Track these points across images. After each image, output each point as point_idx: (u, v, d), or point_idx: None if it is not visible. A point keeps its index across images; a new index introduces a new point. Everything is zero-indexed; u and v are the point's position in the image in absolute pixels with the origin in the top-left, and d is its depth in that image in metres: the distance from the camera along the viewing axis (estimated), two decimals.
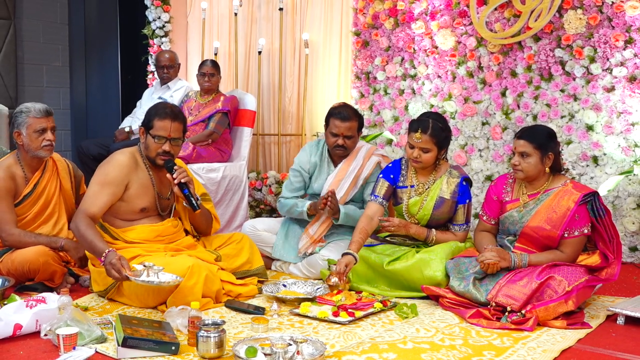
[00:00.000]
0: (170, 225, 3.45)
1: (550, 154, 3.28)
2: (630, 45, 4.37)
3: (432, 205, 3.64)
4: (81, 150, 5.22)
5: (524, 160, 3.29)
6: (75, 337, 2.52)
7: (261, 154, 6.10)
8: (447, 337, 2.83)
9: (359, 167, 4.01)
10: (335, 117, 3.94)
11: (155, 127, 3.34)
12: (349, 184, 3.99)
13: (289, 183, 4.15)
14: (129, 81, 7.01)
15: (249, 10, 6.09)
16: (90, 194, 3.28)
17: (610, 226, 3.26)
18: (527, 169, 3.30)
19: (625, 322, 3.08)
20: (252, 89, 6.06)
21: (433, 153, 3.58)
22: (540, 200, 3.32)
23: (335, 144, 3.96)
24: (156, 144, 3.36)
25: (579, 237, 3.24)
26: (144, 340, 2.54)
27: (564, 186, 3.31)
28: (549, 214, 3.27)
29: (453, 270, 3.34)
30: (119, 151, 3.46)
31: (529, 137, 3.30)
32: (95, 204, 3.25)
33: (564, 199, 3.26)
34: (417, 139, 3.54)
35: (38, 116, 3.57)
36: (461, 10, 5.04)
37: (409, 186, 3.71)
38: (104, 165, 3.37)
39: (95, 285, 3.34)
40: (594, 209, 3.24)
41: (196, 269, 3.12)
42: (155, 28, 6.21)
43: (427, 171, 3.70)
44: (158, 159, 3.38)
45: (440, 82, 5.23)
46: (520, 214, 3.35)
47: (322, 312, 3.04)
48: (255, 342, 2.56)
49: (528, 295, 3.06)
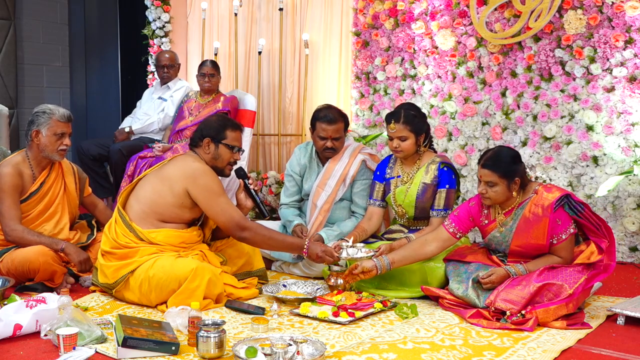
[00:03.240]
0: (195, 234, 3.47)
1: (516, 179, 3.23)
2: (630, 46, 4.36)
3: (416, 192, 3.72)
4: (81, 150, 5.21)
5: (491, 189, 3.25)
6: (75, 337, 2.52)
7: (261, 154, 6.10)
8: (447, 337, 2.82)
9: (345, 165, 4.04)
10: (321, 121, 3.97)
11: (229, 138, 3.47)
12: (336, 182, 4.02)
13: (285, 189, 4.24)
14: (129, 81, 7.02)
15: (249, 11, 6.10)
16: (226, 206, 3.34)
17: (592, 216, 3.23)
18: (495, 197, 3.26)
19: (626, 322, 3.07)
20: (252, 89, 6.06)
21: (411, 140, 3.71)
22: (516, 215, 3.28)
23: (324, 147, 4.01)
24: (231, 153, 3.48)
25: (567, 239, 3.22)
26: (144, 340, 2.54)
27: (535, 194, 3.26)
28: (529, 227, 3.24)
29: (452, 273, 3.36)
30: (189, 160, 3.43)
31: (492, 166, 3.23)
32: (236, 210, 3.39)
33: (538, 207, 3.22)
34: (392, 130, 3.71)
35: (62, 120, 3.62)
36: (461, 10, 5.04)
37: (396, 177, 3.84)
38: (203, 177, 3.35)
39: (103, 278, 3.34)
40: (572, 209, 3.23)
41: (200, 271, 3.14)
42: (155, 28, 6.23)
43: (411, 161, 3.81)
44: (227, 169, 3.51)
45: (440, 82, 5.23)
46: (502, 234, 3.34)
47: (322, 312, 3.04)
48: (255, 343, 2.55)
49: (526, 299, 3.05)
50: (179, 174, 3.35)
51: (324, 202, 4.02)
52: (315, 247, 3.39)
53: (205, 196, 3.32)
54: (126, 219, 3.35)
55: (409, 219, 3.82)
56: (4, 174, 3.56)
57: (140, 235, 3.31)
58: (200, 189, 3.31)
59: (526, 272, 3.20)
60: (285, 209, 4.20)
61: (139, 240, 3.31)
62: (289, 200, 4.20)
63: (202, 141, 3.46)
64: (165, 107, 5.38)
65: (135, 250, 3.28)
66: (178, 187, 3.32)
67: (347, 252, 3.45)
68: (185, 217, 3.40)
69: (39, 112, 3.63)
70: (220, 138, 3.45)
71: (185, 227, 3.44)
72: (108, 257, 3.33)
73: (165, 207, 3.34)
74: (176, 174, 3.35)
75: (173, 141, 5.17)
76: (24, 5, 6.65)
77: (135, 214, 3.35)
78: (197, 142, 3.49)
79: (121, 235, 3.32)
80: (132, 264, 3.25)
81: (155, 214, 3.35)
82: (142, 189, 3.41)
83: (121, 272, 3.26)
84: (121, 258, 3.29)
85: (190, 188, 3.31)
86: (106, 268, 3.32)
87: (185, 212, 3.38)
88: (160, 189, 3.35)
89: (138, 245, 3.29)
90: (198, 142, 3.48)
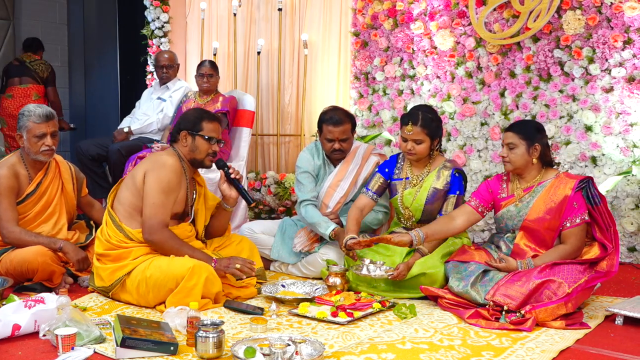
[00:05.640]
0: (186, 230, 3.46)
1: (536, 144, 3.34)
2: (629, 46, 4.37)
3: (425, 196, 3.67)
4: (80, 150, 5.18)
5: (512, 152, 3.36)
6: (73, 338, 2.52)
7: (260, 155, 6.09)
8: (445, 337, 2.82)
9: (358, 167, 4.03)
10: (327, 123, 3.95)
11: (206, 129, 3.45)
12: (349, 184, 4.00)
13: (302, 186, 4.06)
14: (128, 81, 7.00)
15: (248, 11, 6.09)
16: (159, 204, 3.29)
17: (606, 213, 3.27)
18: (515, 160, 3.36)
19: (624, 322, 3.08)
20: (251, 90, 6.04)
21: (426, 144, 3.64)
22: (536, 192, 3.35)
23: (332, 149, 3.98)
24: (208, 145, 3.45)
25: (580, 224, 3.25)
26: (142, 340, 2.53)
27: (557, 177, 3.35)
28: (547, 204, 3.30)
29: (452, 271, 3.34)
30: (159, 154, 3.48)
31: (516, 129, 3.39)
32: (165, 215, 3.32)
33: (559, 187, 3.30)
34: (408, 132, 3.61)
35: (38, 121, 3.57)
36: (460, 10, 5.04)
37: (404, 178, 3.76)
38: (157, 170, 3.34)
39: (99, 281, 3.34)
40: (589, 196, 3.27)
41: (197, 270, 3.13)
42: (154, 28, 6.20)
43: (421, 164, 3.74)
44: (207, 160, 3.49)
45: (439, 83, 5.23)
46: (517, 208, 3.38)
47: (320, 313, 3.04)
48: (254, 343, 2.55)
49: (526, 295, 3.06)
50: (144, 166, 3.38)
51: (335, 203, 4.00)
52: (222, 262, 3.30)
53: (151, 185, 3.31)
54: (116, 219, 3.36)
55: (414, 223, 3.75)
56: (0, 176, 3.55)
57: (130, 235, 3.31)
58: (152, 177, 3.32)
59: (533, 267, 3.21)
60: (309, 205, 3.99)
61: (129, 240, 3.31)
62: (310, 195, 4.02)
63: (180, 134, 3.47)
64: (164, 107, 5.36)
65: (128, 251, 3.28)
66: (140, 176, 3.34)
67: (367, 269, 3.44)
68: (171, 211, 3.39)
69: (20, 114, 3.61)
70: (197, 130, 3.44)
71: (175, 223, 3.43)
72: (103, 260, 3.34)
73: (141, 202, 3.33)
74: (142, 166, 3.39)
75: None
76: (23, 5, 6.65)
77: (122, 214, 3.36)
78: (176, 136, 3.50)
79: (113, 237, 3.33)
80: (128, 265, 3.25)
81: (136, 211, 3.35)
82: (122, 189, 3.43)
83: (117, 274, 3.26)
84: (116, 259, 3.29)
85: (147, 175, 3.33)
86: (102, 271, 3.32)
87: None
88: (131, 184, 3.37)
89: (129, 246, 3.29)
90: (176, 136, 3.49)
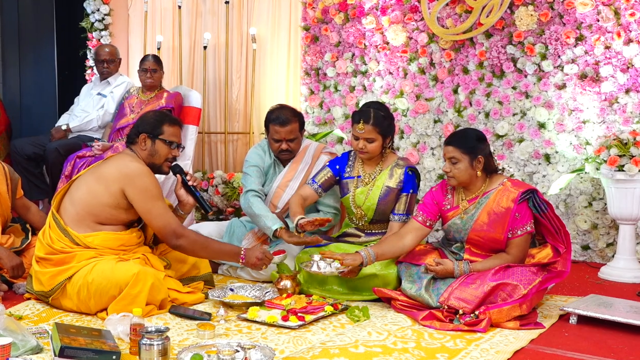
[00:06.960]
0: (135, 236, 3.37)
1: (479, 157, 3.26)
2: (580, 43, 4.40)
3: (378, 195, 3.64)
4: (15, 149, 5.07)
5: (454, 167, 3.28)
6: (8, 348, 2.40)
7: (207, 153, 6.07)
8: (399, 340, 2.81)
9: (309, 166, 3.98)
10: (274, 122, 3.87)
11: (166, 133, 3.38)
12: (298, 184, 3.93)
13: (249, 177, 3.94)
14: (66, 77, 6.86)
15: (194, 3, 6.05)
16: (163, 211, 3.26)
17: (554, 218, 3.27)
18: (459, 175, 3.29)
19: (578, 321, 3.10)
20: (197, 86, 6.01)
21: (378, 142, 3.59)
22: (480, 203, 3.30)
23: (279, 149, 3.91)
24: (169, 149, 3.39)
25: (522, 236, 3.23)
26: (82, 349, 2.45)
27: (502, 186, 3.29)
28: (490, 216, 3.26)
29: (404, 273, 3.33)
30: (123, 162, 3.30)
31: (456, 142, 3.29)
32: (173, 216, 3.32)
33: (502, 199, 3.25)
34: (360, 130, 3.56)
35: None
36: (412, 5, 5.03)
37: (356, 177, 3.73)
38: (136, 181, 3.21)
39: (38, 285, 3.23)
40: (535, 206, 3.25)
41: (142, 276, 3.06)
42: (94, 21, 6.19)
43: (373, 162, 3.70)
44: (165, 165, 3.42)
45: (391, 79, 5.20)
46: (462, 221, 3.34)
47: (271, 317, 3.01)
48: (201, 350, 2.52)
49: (480, 298, 3.05)
50: (115, 174, 3.24)
51: (284, 204, 3.92)
52: (253, 252, 3.35)
53: (142, 198, 3.23)
54: (61, 223, 3.23)
55: (366, 222, 3.73)
56: None
57: (76, 240, 3.20)
58: (137, 190, 3.22)
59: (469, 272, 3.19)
60: (255, 196, 3.85)
61: (75, 245, 3.20)
62: (257, 187, 3.90)
63: (139, 137, 3.37)
64: (105, 103, 5.29)
65: (72, 256, 3.17)
66: (114, 187, 3.22)
67: (317, 266, 3.36)
68: (122, 218, 3.30)
69: None
70: (157, 133, 3.36)
71: (124, 228, 3.34)
72: (43, 264, 3.22)
73: (101, 208, 3.23)
74: (113, 174, 3.25)
75: (113, 139, 5.08)
76: None
77: (70, 217, 3.24)
78: (134, 138, 3.40)
79: (56, 241, 3.21)
80: (70, 269, 3.15)
81: (91, 215, 3.23)
82: (77, 190, 3.29)
83: (58, 278, 3.15)
84: (57, 264, 3.18)
85: (127, 189, 3.22)
86: (41, 275, 3.21)
87: (121, 213, 3.28)
88: (96, 189, 3.24)
89: (74, 250, 3.18)
90: (134, 138, 3.39)
